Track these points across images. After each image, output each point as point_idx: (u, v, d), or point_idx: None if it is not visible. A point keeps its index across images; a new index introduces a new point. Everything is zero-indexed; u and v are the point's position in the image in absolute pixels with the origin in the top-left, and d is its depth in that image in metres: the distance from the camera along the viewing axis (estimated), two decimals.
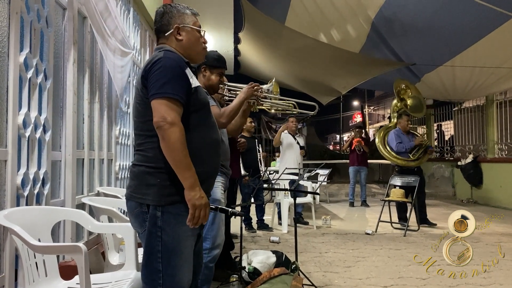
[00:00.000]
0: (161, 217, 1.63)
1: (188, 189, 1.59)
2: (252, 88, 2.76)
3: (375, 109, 32.30)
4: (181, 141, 1.58)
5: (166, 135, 1.57)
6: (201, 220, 1.62)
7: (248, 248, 4.62)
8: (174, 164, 1.59)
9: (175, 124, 1.58)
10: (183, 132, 1.60)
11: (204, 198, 1.62)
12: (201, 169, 1.68)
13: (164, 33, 1.84)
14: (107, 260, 2.82)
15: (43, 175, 2.58)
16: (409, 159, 6.37)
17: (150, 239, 1.64)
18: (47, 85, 2.64)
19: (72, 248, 1.86)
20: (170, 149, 1.58)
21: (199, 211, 1.60)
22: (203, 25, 6.67)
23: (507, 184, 8.64)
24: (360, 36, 7.86)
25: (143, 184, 1.66)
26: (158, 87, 1.62)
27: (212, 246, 2.64)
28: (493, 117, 9.67)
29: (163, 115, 1.58)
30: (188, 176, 1.59)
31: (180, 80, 1.66)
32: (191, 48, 1.86)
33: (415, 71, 8.63)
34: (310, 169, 6.28)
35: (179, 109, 1.63)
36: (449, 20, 6.53)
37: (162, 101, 1.60)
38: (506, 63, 7.13)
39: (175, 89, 1.62)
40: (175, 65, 1.67)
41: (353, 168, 8.82)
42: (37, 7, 2.52)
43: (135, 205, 1.68)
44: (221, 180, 2.72)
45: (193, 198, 1.59)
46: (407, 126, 6.52)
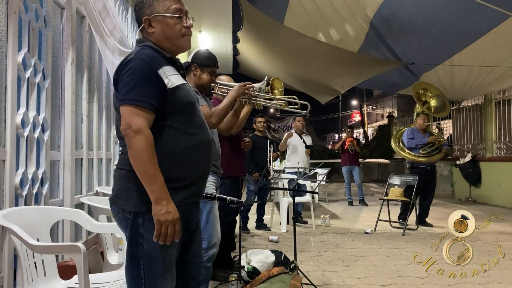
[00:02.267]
0: (142, 224, 1.53)
1: (154, 203, 1.47)
2: (243, 87, 2.75)
3: (373, 108, 32.32)
4: (148, 150, 1.47)
5: (131, 144, 1.47)
6: (170, 237, 1.50)
7: (247, 248, 4.62)
8: (140, 175, 1.48)
9: (140, 132, 1.47)
10: (150, 140, 1.49)
11: (173, 213, 1.49)
12: (188, 173, 1.61)
13: (139, 27, 1.70)
14: (106, 259, 2.82)
15: (42, 174, 2.58)
16: (419, 154, 6.36)
17: (131, 245, 1.56)
18: (46, 84, 2.64)
19: (71, 247, 1.86)
20: (135, 159, 1.48)
21: (166, 227, 1.48)
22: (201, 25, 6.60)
23: (505, 183, 8.65)
24: (358, 36, 7.87)
25: (124, 188, 1.57)
26: (125, 92, 1.51)
27: (208, 245, 2.63)
28: (492, 116, 9.68)
29: (128, 122, 1.47)
30: (154, 189, 1.47)
31: (149, 83, 1.52)
32: (166, 39, 1.67)
33: (413, 70, 8.64)
34: (310, 169, 6.29)
35: (147, 115, 1.51)
36: (448, 19, 6.53)
37: (128, 107, 1.49)
38: (504, 62, 7.14)
39: (143, 94, 1.50)
40: (145, 66, 1.53)
41: (346, 168, 8.89)
42: (35, 7, 2.52)
43: (118, 210, 1.60)
44: (212, 179, 2.71)
45: (158, 213, 1.47)
46: (423, 124, 6.53)
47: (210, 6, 5.96)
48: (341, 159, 9.06)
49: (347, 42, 8.02)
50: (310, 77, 10.58)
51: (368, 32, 7.63)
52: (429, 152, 6.34)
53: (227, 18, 6.59)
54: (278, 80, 3.17)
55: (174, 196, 1.54)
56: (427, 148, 6.37)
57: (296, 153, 6.68)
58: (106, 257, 2.83)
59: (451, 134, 11.97)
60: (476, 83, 8.47)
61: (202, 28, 6.94)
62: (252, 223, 6.13)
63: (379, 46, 8.01)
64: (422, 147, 6.37)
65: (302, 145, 6.74)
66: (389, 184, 6.42)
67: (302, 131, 6.90)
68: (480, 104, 10.27)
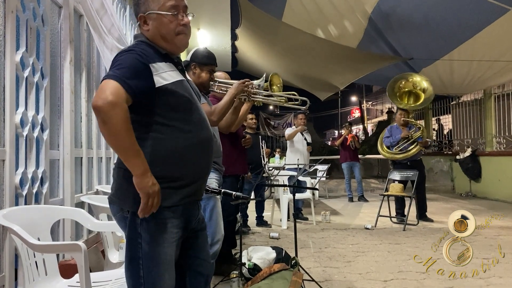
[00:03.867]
0: (140, 224, 1.52)
1: (139, 177, 1.43)
2: (242, 84, 2.76)
3: (373, 104, 32.30)
4: (126, 124, 1.40)
5: (107, 117, 1.37)
6: (154, 209, 1.48)
7: (247, 244, 4.63)
8: (120, 151, 1.43)
9: (117, 104, 1.38)
10: (127, 114, 1.41)
11: (157, 185, 1.47)
12: (187, 171, 1.58)
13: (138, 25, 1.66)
14: (107, 258, 2.83)
15: (42, 174, 2.58)
16: (394, 152, 6.39)
17: (130, 245, 1.55)
18: (44, 84, 2.63)
19: (72, 246, 1.86)
20: (113, 134, 1.40)
21: (153, 199, 1.45)
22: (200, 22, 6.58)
23: (505, 177, 8.66)
24: (357, 32, 7.85)
25: (122, 188, 1.55)
26: (110, 71, 1.47)
27: (212, 242, 2.64)
28: (491, 110, 9.68)
29: (103, 95, 1.38)
30: (138, 163, 1.43)
31: (135, 71, 1.48)
32: (161, 37, 1.62)
33: (412, 66, 8.62)
34: (310, 165, 6.28)
35: (126, 96, 1.43)
36: (447, 13, 6.52)
37: (107, 83, 1.42)
38: (504, 56, 7.13)
39: (126, 77, 1.44)
40: (136, 57, 1.50)
41: (346, 164, 8.91)
42: (33, 6, 2.51)
43: (117, 209, 1.59)
44: (215, 176, 2.72)
45: (146, 185, 1.43)
46: (400, 120, 6.52)
47: (208, 3, 5.95)
48: (341, 155, 9.06)
49: (346, 38, 8.01)
50: (309, 74, 10.57)
51: (367, 28, 7.61)
52: (404, 148, 6.33)
53: (225, 16, 6.58)
54: (277, 76, 3.17)
55: (173, 195, 1.54)
56: (402, 144, 6.35)
57: (297, 149, 6.69)
58: (107, 255, 2.83)
59: (451, 129, 11.97)
60: (476, 78, 8.46)
61: (200, 26, 6.92)
62: (253, 220, 6.13)
63: (378, 42, 8.00)
64: (397, 144, 6.37)
65: (304, 142, 6.75)
66: (389, 179, 6.42)
67: (304, 129, 6.90)
68: (479, 98, 10.26)
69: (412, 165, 6.34)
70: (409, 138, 6.34)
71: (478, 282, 3.46)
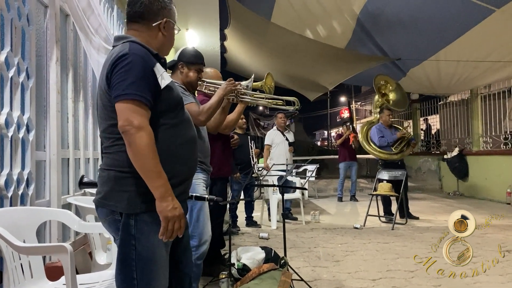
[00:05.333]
0: (134, 226, 1.52)
1: (160, 200, 1.47)
2: (230, 85, 2.76)
3: (362, 104, 32.45)
4: (151, 146, 1.46)
5: (133, 141, 1.44)
6: (175, 233, 1.50)
7: (237, 245, 4.62)
8: (143, 172, 1.46)
9: (142, 128, 1.45)
10: (152, 136, 1.48)
11: (178, 209, 1.49)
12: (180, 170, 1.61)
13: (147, 21, 1.67)
14: (94, 259, 2.81)
15: (27, 175, 2.55)
16: (392, 152, 6.43)
17: (123, 247, 1.54)
18: (30, 84, 2.60)
19: (57, 248, 1.84)
20: (138, 156, 1.45)
21: (173, 223, 1.48)
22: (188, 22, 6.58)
23: (492, 176, 8.77)
24: (345, 32, 7.89)
25: (114, 190, 1.54)
26: (123, 88, 1.48)
27: (199, 243, 2.63)
28: (478, 110, 9.79)
29: (128, 118, 1.45)
30: (159, 185, 1.46)
31: (147, 80, 1.52)
32: (168, 45, 1.76)
33: (400, 66, 8.69)
34: (298, 165, 6.29)
35: (146, 112, 1.50)
36: (433, 14, 6.58)
37: (127, 104, 1.46)
38: (489, 56, 7.22)
39: (142, 91, 1.48)
40: (142, 63, 1.53)
41: (345, 163, 8.86)
42: (18, 5, 2.48)
43: (107, 212, 1.57)
44: (202, 177, 2.70)
45: (165, 209, 1.46)
46: (388, 120, 6.58)
47: (197, 3, 5.93)
48: (340, 154, 9.02)
49: (334, 38, 8.04)
50: (298, 74, 10.59)
51: (355, 28, 7.65)
52: (401, 148, 6.41)
53: (214, 16, 6.56)
54: (270, 77, 3.17)
55: None
56: (398, 145, 6.42)
57: (280, 150, 6.65)
58: (94, 257, 2.81)
59: (439, 128, 12.09)
60: (462, 78, 8.55)
61: (189, 26, 6.90)
62: (242, 221, 6.13)
63: (366, 42, 8.05)
64: (394, 144, 6.43)
65: (285, 142, 6.70)
66: (377, 179, 6.47)
67: (284, 128, 6.89)
68: (466, 98, 10.38)
69: (401, 164, 6.42)
70: (404, 138, 6.42)
71: (465, 280, 3.50)
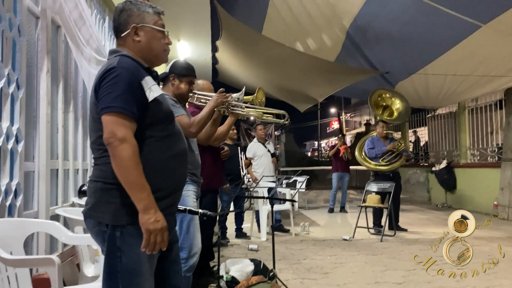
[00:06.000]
0: (120, 238, 1.52)
1: (142, 212, 1.47)
2: (221, 97, 2.78)
3: (351, 116, 32.73)
4: (134, 159, 1.47)
5: (116, 153, 1.46)
6: (158, 246, 1.50)
7: (226, 257, 4.61)
8: (126, 184, 1.47)
9: (126, 140, 1.47)
10: (135, 149, 1.49)
11: (161, 222, 1.49)
12: (168, 182, 1.62)
13: (120, 33, 1.70)
14: (82, 271, 2.79)
15: (16, 186, 2.54)
16: (379, 164, 6.49)
17: (109, 259, 1.54)
18: (20, 94, 2.60)
19: (45, 261, 1.83)
20: (121, 168, 1.47)
21: (155, 236, 1.48)
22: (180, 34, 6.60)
23: (479, 189, 8.86)
24: (335, 45, 7.98)
25: (101, 201, 1.55)
26: (109, 100, 1.50)
27: (189, 255, 2.62)
28: (465, 123, 9.92)
29: (112, 130, 1.47)
30: (141, 198, 1.47)
31: (133, 93, 1.54)
32: (150, 50, 1.71)
33: (389, 79, 8.79)
34: (288, 177, 6.31)
35: (131, 124, 1.51)
36: (421, 29, 6.69)
37: (112, 116, 1.49)
38: (476, 71, 7.34)
39: (127, 104, 1.51)
40: (129, 76, 1.55)
41: (337, 174, 8.89)
42: (9, 16, 2.49)
43: (94, 223, 1.58)
44: (192, 188, 2.71)
45: (147, 222, 1.46)
46: (382, 132, 6.65)
47: (188, 15, 5.98)
48: (333, 165, 9.06)
49: (324, 51, 8.13)
50: (288, 86, 10.67)
51: (344, 41, 7.74)
52: (390, 160, 6.47)
53: (206, 27, 6.62)
54: (262, 91, 3.19)
55: None
56: (388, 156, 6.48)
57: (263, 162, 6.65)
58: (82, 269, 2.79)
59: (427, 141, 12.22)
60: (450, 91, 8.67)
61: (180, 37, 6.94)
62: (232, 232, 6.11)
63: (356, 56, 8.14)
64: (382, 156, 6.49)
65: (268, 154, 6.69)
66: (366, 191, 6.50)
67: (265, 139, 6.91)
68: (454, 111, 10.51)
69: (393, 176, 6.47)
70: (394, 150, 6.48)
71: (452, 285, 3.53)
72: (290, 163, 17.69)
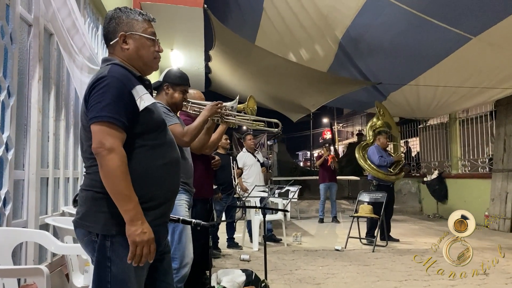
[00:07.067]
0: (110, 247, 1.51)
1: (129, 223, 1.46)
2: (215, 106, 2.78)
3: (344, 126, 32.89)
4: (121, 169, 1.46)
5: (104, 163, 1.45)
6: (144, 258, 1.48)
7: (218, 267, 4.57)
8: (113, 195, 1.46)
9: (113, 150, 1.46)
10: (124, 159, 1.48)
11: (148, 234, 1.48)
12: (158, 192, 1.60)
13: (110, 41, 1.70)
14: (71, 282, 2.74)
15: (5, 194, 2.50)
16: (389, 173, 6.55)
17: (99, 269, 1.52)
18: (11, 102, 2.57)
19: (33, 271, 1.81)
20: (108, 178, 1.46)
21: (141, 248, 1.46)
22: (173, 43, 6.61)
23: (470, 199, 8.91)
24: (328, 56, 8.03)
25: (91, 211, 1.53)
26: (98, 110, 1.49)
27: (180, 265, 2.60)
28: (456, 134, 10.01)
29: (101, 140, 1.46)
30: (128, 209, 1.46)
31: (123, 102, 1.53)
32: (139, 58, 1.70)
33: (381, 90, 8.87)
34: (280, 187, 6.30)
35: (120, 134, 1.50)
36: (413, 41, 6.77)
37: (100, 126, 1.48)
38: (466, 82, 7.43)
39: (116, 113, 1.49)
40: (119, 85, 1.54)
41: (325, 184, 8.93)
42: (1, 24, 2.47)
43: (84, 233, 1.56)
44: (185, 198, 2.69)
45: (133, 233, 1.45)
46: (386, 143, 6.76)
47: (182, 24, 5.99)
48: (320, 175, 9.09)
49: (317, 62, 8.18)
50: (281, 96, 10.71)
51: (337, 52, 7.80)
52: (396, 171, 6.58)
53: (199, 37, 6.63)
54: (252, 100, 3.21)
55: (144, 217, 1.53)
56: (395, 167, 6.59)
57: (252, 171, 6.65)
58: (71, 279, 2.75)
59: (419, 151, 12.29)
60: (441, 103, 8.76)
61: (174, 46, 6.95)
62: (223, 242, 6.07)
63: (348, 66, 8.20)
64: (391, 166, 6.57)
65: (257, 163, 6.71)
66: (358, 201, 6.51)
67: (254, 149, 6.93)
68: (445, 122, 10.60)
69: (392, 187, 6.56)
70: (400, 162, 6.62)
71: None
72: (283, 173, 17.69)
